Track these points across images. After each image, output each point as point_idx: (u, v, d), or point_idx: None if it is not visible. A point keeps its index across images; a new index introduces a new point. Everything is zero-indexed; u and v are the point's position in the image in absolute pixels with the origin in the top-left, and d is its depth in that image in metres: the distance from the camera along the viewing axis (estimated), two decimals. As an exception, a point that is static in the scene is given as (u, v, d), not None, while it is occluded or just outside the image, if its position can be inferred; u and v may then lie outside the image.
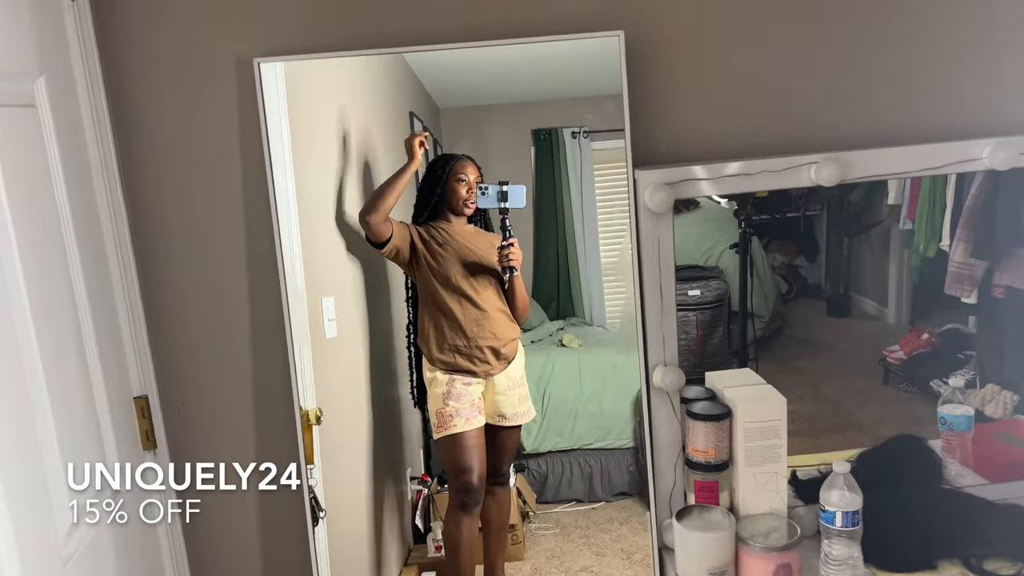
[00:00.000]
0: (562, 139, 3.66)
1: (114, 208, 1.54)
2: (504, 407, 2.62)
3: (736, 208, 2.11)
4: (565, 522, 3.19)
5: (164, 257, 1.67)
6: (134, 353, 1.56)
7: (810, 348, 2.19)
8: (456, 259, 2.52)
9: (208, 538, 1.73)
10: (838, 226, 2.16)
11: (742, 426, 1.51)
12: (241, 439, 1.72)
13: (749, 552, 1.44)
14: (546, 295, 3.68)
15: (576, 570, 2.82)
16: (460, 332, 2.50)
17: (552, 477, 3.30)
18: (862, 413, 2.09)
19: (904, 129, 1.61)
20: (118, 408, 1.49)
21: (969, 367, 2.01)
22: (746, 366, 2.08)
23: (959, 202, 1.91)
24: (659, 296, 1.54)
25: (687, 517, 1.49)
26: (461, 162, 2.64)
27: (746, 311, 2.12)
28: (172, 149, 1.62)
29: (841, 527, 1.42)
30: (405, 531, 2.97)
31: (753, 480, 1.52)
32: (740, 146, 1.60)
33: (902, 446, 1.76)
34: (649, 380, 1.56)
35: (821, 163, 1.49)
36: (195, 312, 1.67)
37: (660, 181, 1.50)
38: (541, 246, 3.65)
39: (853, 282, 2.17)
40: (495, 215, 2.74)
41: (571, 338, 3.39)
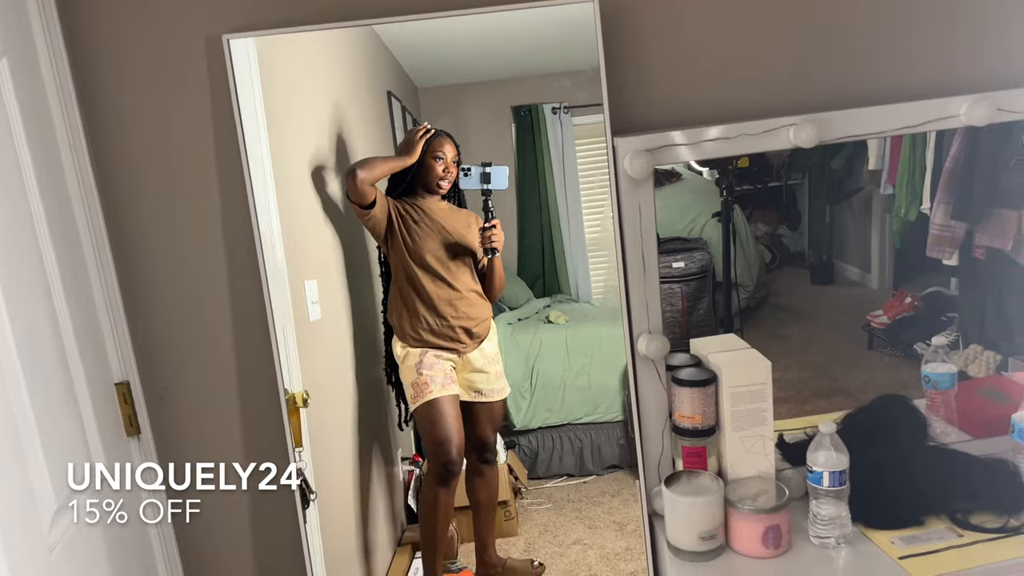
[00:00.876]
0: (543, 115, 3.62)
1: (85, 190, 1.49)
2: (480, 383, 2.59)
3: (717, 176, 2.09)
4: (557, 497, 3.19)
5: (139, 240, 1.63)
6: (113, 338, 1.53)
7: (795, 316, 2.19)
8: (432, 238, 2.48)
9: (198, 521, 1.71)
10: (820, 194, 2.14)
11: (727, 391, 1.50)
12: (227, 423, 1.70)
13: (738, 515, 1.43)
14: (531, 273, 3.66)
15: (569, 543, 2.82)
16: (433, 311, 2.47)
17: (543, 453, 3.30)
18: (848, 378, 2.09)
19: (881, 89, 1.59)
20: (99, 394, 1.46)
21: (952, 329, 2.01)
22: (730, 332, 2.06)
23: (939, 164, 1.90)
24: (641, 263, 1.52)
25: (676, 483, 1.48)
26: (439, 139, 2.57)
27: (730, 280, 2.10)
28: (143, 131, 1.58)
29: (828, 487, 1.42)
30: (397, 512, 2.96)
31: (740, 444, 1.52)
32: (719, 111, 1.58)
33: (887, 406, 1.76)
34: (634, 349, 1.54)
35: (799, 124, 1.47)
36: (174, 295, 1.64)
37: (639, 148, 1.48)
38: (525, 224, 3.62)
39: (836, 249, 2.16)
40: (474, 195, 2.71)
41: (558, 314, 3.37)
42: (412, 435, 2.81)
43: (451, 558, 2.78)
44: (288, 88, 2.29)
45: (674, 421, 1.56)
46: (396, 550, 2.84)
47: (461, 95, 3.61)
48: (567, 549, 2.78)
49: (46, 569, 1.19)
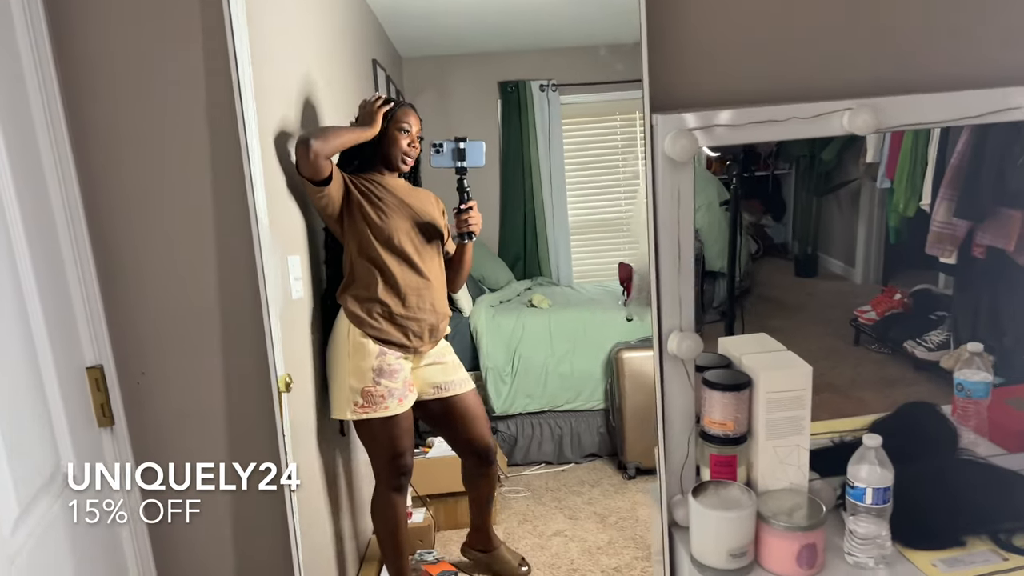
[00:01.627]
0: (530, 92, 3.46)
1: (59, 151, 1.27)
2: (436, 377, 2.36)
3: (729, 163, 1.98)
4: (535, 484, 3.07)
5: (118, 209, 1.40)
6: (86, 318, 1.32)
7: (780, 308, 2.09)
8: (402, 217, 2.23)
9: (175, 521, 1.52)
10: (807, 185, 2.05)
11: (764, 396, 1.37)
12: (209, 411, 1.50)
13: (772, 532, 1.30)
14: (512, 254, 3.52)
15: (549, 534, 2.70)
16: (397, 299, 2.22)
17: (522, 439, 3.17)
18: (833, 374, 2.00)
19: (936, 75, 1.46)
20: (68, 380, 1.25)
21: (943, 328, 1.93)
22: (732, 326, 1.96)
23: (942, 160, 1.81)
24: (676, 254, 1.37)
25: (703, 494, 1.34)
26: (404, 109, 2.29)
27: (734, 270, 1.99)
28: (127, 86, 1.36)
29: (871, 504, 1.30)
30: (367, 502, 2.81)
31: (774, 454, 1.39)
32: (765, 91, 1.43)
33: (916, 414, 1.65)
34: (663, 346, 1.40)
35: (856, 109, 1.33)
36: (156, 270, 1.42)
37: (683, 127, 1.32)
38: (507, 203, 3.47)
39: (821, 242, 2.07)
40: (444, 175, 2.48)
41: (541, 298, 3.23)
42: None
43: (427, 548, 2.65)
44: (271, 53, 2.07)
45: (702, 427, 1.42)
46: (368, 541, 2.69)
47: (447, 67, 3.42)
48: (548, 541, 2.66)
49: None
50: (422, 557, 2.59)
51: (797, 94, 1.43)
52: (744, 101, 1.40)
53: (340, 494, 2.43)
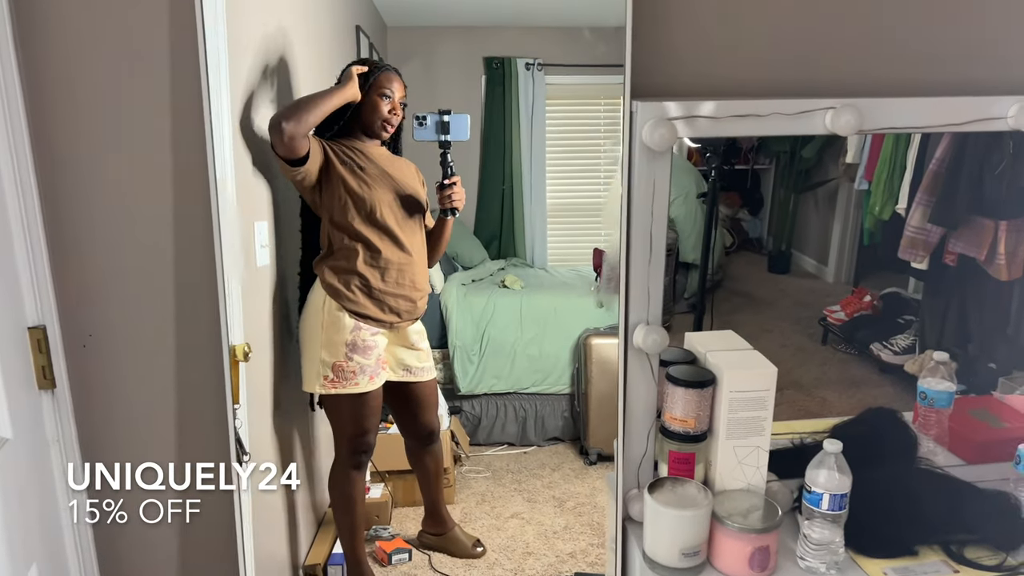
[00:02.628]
0: (515, 69, 3.38)
1: (9, 101, 1.20)
2: (410, 360, 2.31)
3: (708, 155, 1.95)
4: (496, 466, 3.04)
5: (69, 158, 1.32)
6: (29, 274, 1.25)
7: (750, 302, 2.08)
8: (384, 188, 2.15)
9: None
10: (786, 182, 2.03)
11: (727, 395, 1.33)
12: (158, 377, 1.44)
13: (726, 532, 1.28)
14: (488, 233, 3.46)
15: (507, 516, 2.67)
16: (377, 274, 2.15)
17: (486, 420, 3.13)
18: (800, 371, 1.99)
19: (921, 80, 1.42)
20: (7, 340, 1.19)
21: (910, 332, 1.92)
22: (701, 319, 1.94)
23: (920, 165, 1.79)
24: (648, 246, 1.33)
25: (659, 490, 1.31)
26: (387, 73, 2.19)
27: (707, 263, 1.97)
28: (87, 38, 1.28)
29: (827, 510, 1.28)
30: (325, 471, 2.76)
31: (733, 454, 1.36)
32: (749, 84, 1.39)
33: (877, 420, 1.63)
34: (628, 338, 1.36)
35: (839, 109, 1.29)
36: (108, 226, 1.35)
37: (663, 116, 1.27)
38: (486, 181, 3.41)
39: (796, 239, 2.05)
40: (427, 149, 2.40)
41: (513, 279, 3.19)
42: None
43: (384, 524, 2.61)
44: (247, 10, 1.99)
45: (663, 422, 1.39)
46: (325, 512, 2.65)
47: (433, 38, 3.33)
48: (504, 523, 2.63)
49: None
50: (377, 533, 2.56)
51: (781, 89, 1.39)
52: (727, 93, 1.35)
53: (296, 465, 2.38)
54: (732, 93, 1.36)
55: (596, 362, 2.97)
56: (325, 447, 2.67)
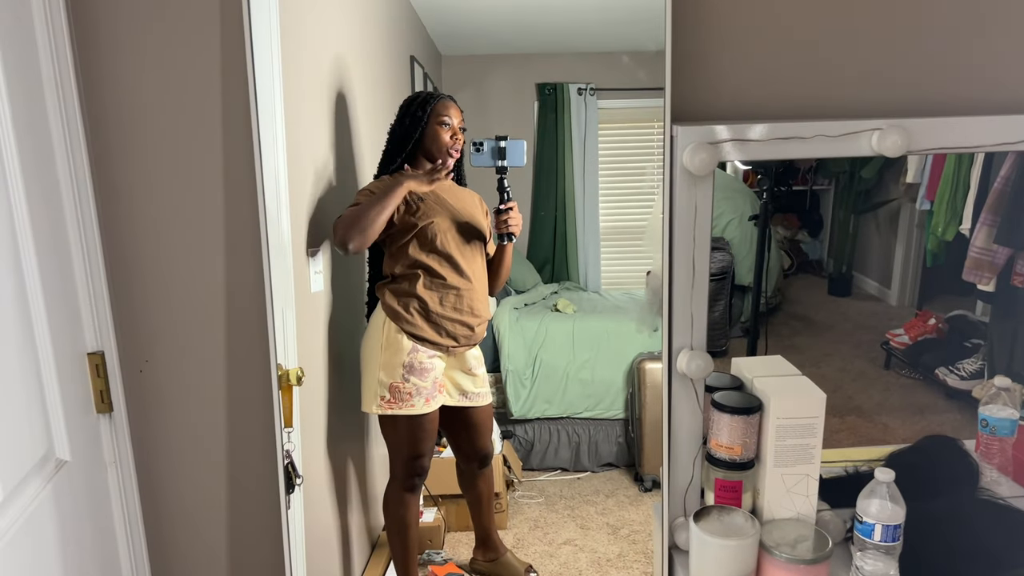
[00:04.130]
0: (567, 95, 3.41)
1: (70, 134, 1.25)
2: (467, 386, 2.33)
3: (760, 177, 1.92)
4: (549, 491, 3.02)
5: (128, 195, 1.38)
6: (89, 302, 1.30)
7: (809, 326, 2.01)
8: (444, 217, 2.19)
9: (170, 508, 1.51)
10: (846, 202, 1.97)
11: (774, 422, 1.30)
12: (212, 401, 1.48)
13: (774, 562, 1.24)
14: (541, 257, 3.47)
15: (559, 543, 2.65)
16: (436, 297, 2.19)
17: (539, 444, 3.12)
18: (862, 397, 1.92)
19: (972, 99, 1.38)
20: (67, 365, 1.23)
21: (977, 356, 1.83)
22: (755, 343, 1.89)
23: (984, 184, 1.73)
24: (691, 271, 1.31)
25: (705, 519, 1.28)
26: (443, 102, 2.26)
27: (760, 286, 1.93)
28: (144, 72, 1.35)
29: (880, 541, 1.23)
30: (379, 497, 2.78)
31: (781, 482, 1.32)
32: (793, 107, 1.37)
33: (936, 449, 1.57)
34: (672, 364, 1.34)
35: (885, 130, 1.26)
36: (164, 254, 1.40)
37: (703, 140, 1.26)
38: (539, 206, 3.43)
39: (857, 261, 1.98)
40: (484, 174, 2.44)
41: (566, 303, 3.18)
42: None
43: (436, 548, 2.62)
44: (304, 42, 2.06)
45: (709, 449, 1.36)
46: (379, 536, 2.67)
47: (486, 66, 3.38)
48: (557, 549, 2.61)
49: (-12, 565, 0.99)
50: (430, 557, 2.56)
51: (825, 111, 1.36)
52: (771, 116, 1.34)
53: (350, 488, 2.41)
54: (776, 116, 1.34)
55: (650, 387, 2.93)
56: (379, 471, 2.69)
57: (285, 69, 1.73)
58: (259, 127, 1.33)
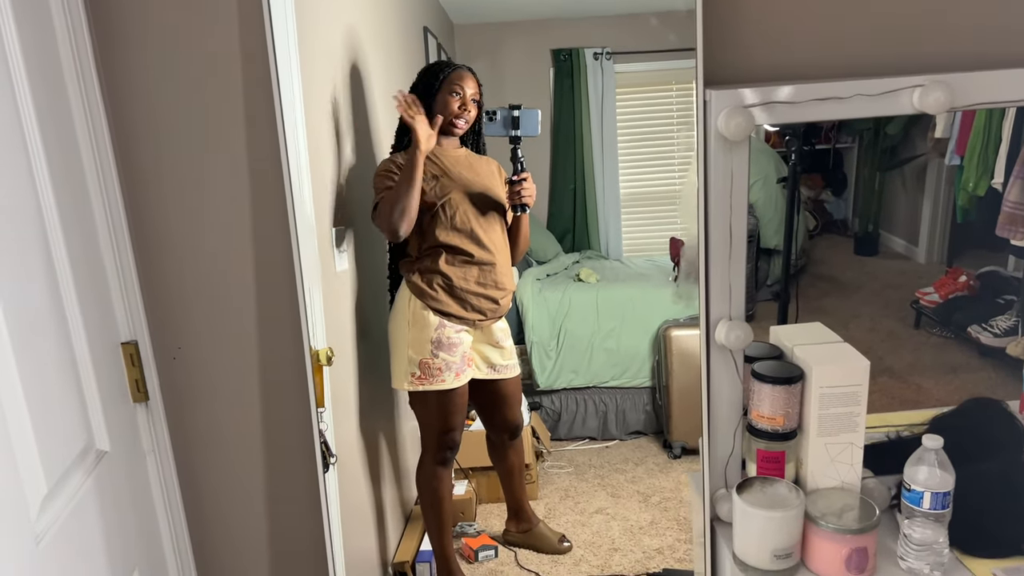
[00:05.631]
0: (583, 60, 3.34)
1: (92, 118, 1.23)
2: (495, 358, 2.32)
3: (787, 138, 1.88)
4: (579, 461, 3.02)
5: (153, 181, 1.36)
6: (120, 292, 1.29)
7: (836, 287, 1.98)
8: (460, 193, 2.15)
9: (209, 493, 1.51)
10: (871, 160, 1.92)
11: (816, 391, 1.28)
12: (245, 385, 1.47)
13: (820, 532, 1.22)
14: (561, 227, 3.43)
15: (591, 512, 2.65)
16: (459, 272, 2.17)
17: (566, 415, 3.11)
18: (892, 358, 1.89)
19: (1015, 51, 1.33)
20: (102, 356, 1.22)
21: (1011, 312, 1.80)
22: (787, 308, 1.87)
23: (1017, 137, 1.68)
24: (728, 239, 1.28)
25: (749, 491, 1.27)
26: (458, 72, 2.22)
27: (790, 249, 1.89)
28: (165, 54, 1.32)
29: (929, 509, 1.21)
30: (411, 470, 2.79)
31: (825, 451, 1.30)
32: (828, 65, 1.32)
33: (980, 411, 1.54)
34: (709, 334, 1.32)
35: (928, 86, 1.21)
36: (191, 243, 1.38)
37: (739, 103, 1.22)
38: (557, 175, 3.38)
39: (883, 219, 1.94)
40: (500, 144, 2.39)
41: (588, 272, 3.15)
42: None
43: (469, 520, 2.63)
44: (318, 16, 2.01)
45: (750, 420, 1.34)
46: (412, 510, 2.68)
47: (499, 34, 3.32)
48: (589, 518, 2.61)
49: (34, 561, 0.98)
50: (463, 529, 2.57)
51: (863, 69, 1.32)
52: (805, 76, 1.29)
53: (383, 464, 2.42)
54: (811, 76, 1.30)
55: (677, 354, 2.91)
56: (411, 446, 2.70)
57: (301, 45, 1.69)
58: (282, 106, 1.30)
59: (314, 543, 1.59)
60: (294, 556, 1.60)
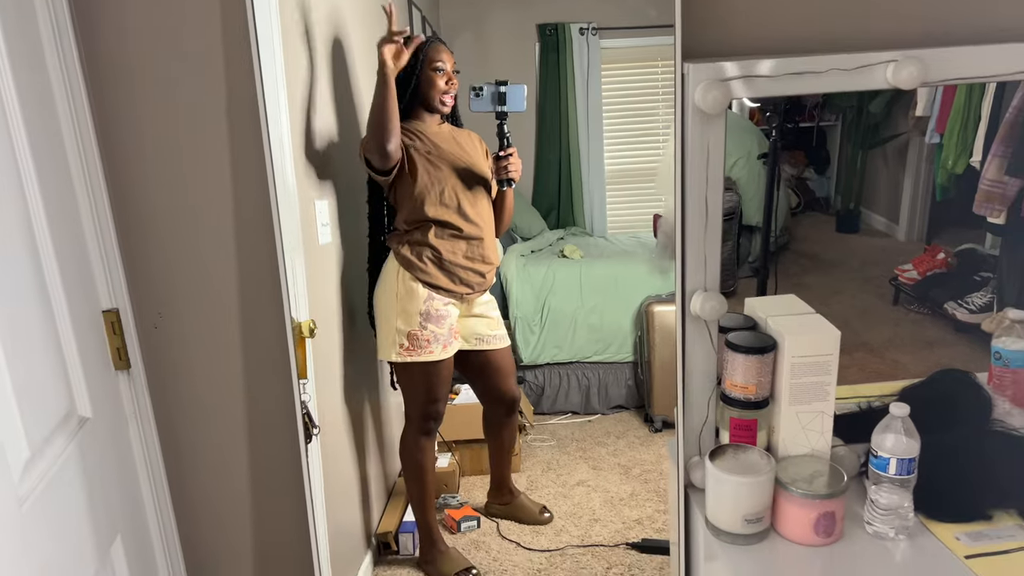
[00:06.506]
0: (569, 35, 3.33)
1: (71, 84, 1.22)
2: (482, 329, 2.35)
3: (768, 115, 1.89)
4: (561, 434, 3.06)
5: (134, 147, 1.36)
6: (101, 260, 1.29)
7: (818, 264, 2.01)
8: (450, 167, 2.18)
9: (192, 461, 1.53)
10: (854, 138, 1.94)
11: (788, 361, 1.31)
12: (228, 355, 1.49)
13: (789, 498, 1.26)
14: (546, 203, 3.44)
15: (572, 484, 2.69)
16: (448, 246, 2.20)
17: (549, 389, 3.15)
18: (870, 333, 1.92)
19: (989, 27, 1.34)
20: (83, 323, 1.23)
21: (987, 289, 1.83)
22: (765, 283, 1.89)
23: (996, 116, 1.70)
24: (704, 211, 1.30)
25: (721, 457, 1.30)
26: (434, 46, 2.20)
27: (770, 225, 1.91)
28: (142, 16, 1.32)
29: (895, 475, 1.24)
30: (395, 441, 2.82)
31: (796, 420, 1.33)
32: (805, 40, 1.33)
33: (949, 382, 1.57)
34: (685, 305, 1.34)
35: (900, 62, 1.23)
36: (172, 210, 1.39)
37: (715, 77, 1.23)
38: (543, 151, 3.38)
39: (865, 197, 1.96)
40: (471, 118, 2.39)
41: (573, 248, 3.17)
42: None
43: (452, 492, 2.66)
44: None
45: (723, 389, 1.37)
46: (396, 481, 2.71)
47: (485, 7, 3.30)
48: (571, 490, 2.65)
49: (16, 524, 1.00)
50: (446, 501, 2.61)
51: (839, 44, 1.33)
52: (783, 51, 1.31)
53: (367, 436, 2.44)
54: (789, 50, 1.31)
55: (659, 329, 2.95)
56: (395, 419, 2.73)
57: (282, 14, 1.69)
58: (262, 78, 1.30)
59: (297, 512, 1.61)
60: (277, 525, 1.62)
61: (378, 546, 2.42)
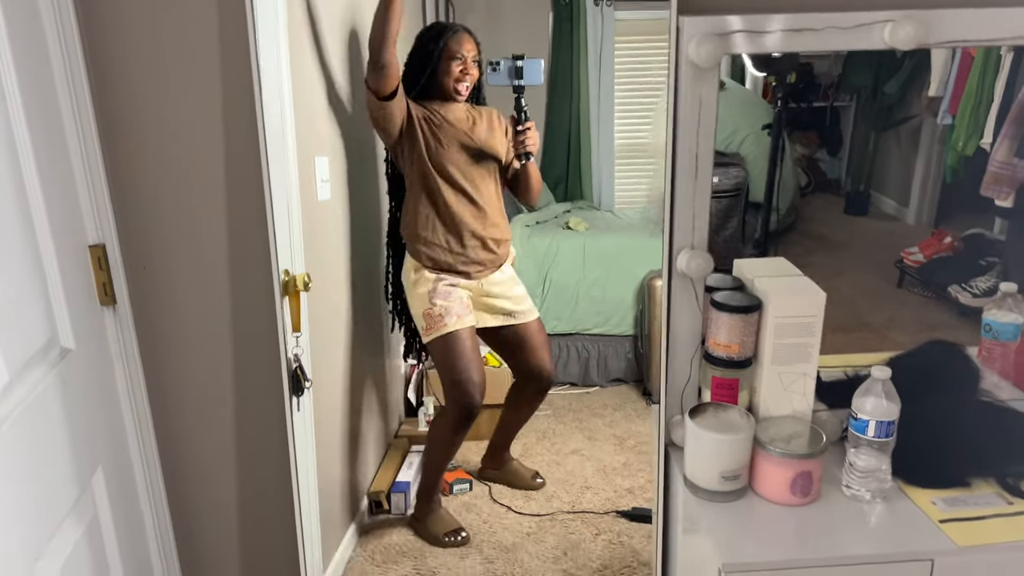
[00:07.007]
0: (583, 5, 3.31)
1: (61, 14, 1.24)
2: (506, 305, 2.36)
3: (775, 84, 1.87)
4: (558, 404, 3.05)
5: (125, 84, 1.35)
6: (88, 194, 1.29)
7: (824, 245, 1.99)
8: (455, 145, 2.20)
9: (178, 400, 1.54)
10: (867, 119, 1.91)
11: (773, 321, 1.29)
12: (215, 301, 1.49)
13: (767, 457, 1.25)
14: (554, 176, 3.42)
15: (567, 452, 2.69)
16: (452, 230, 2.22)
17: (549, 359, 3.15)
18: (872, 315, 1.90)
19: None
20: (68, 256, 1.23)
21: (992, 274, 1.80)
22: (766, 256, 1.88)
23: (1009, 96, 1.66)
24: (694, 169, 1.28)
25: (701, 415, 1.29)
26: (456, 37, 2.19)
27: (771, 198, 1.89)
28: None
29: (873, 437, 1.23)
30: (396, 404, 2.83)
31: (778, 380, 1.32)
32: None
33: (937, 353, 1.55)
34: (672, 263, 1.33)
35: (898, 21, 1.20)
36: (164, 149, 1.37)
37: (710, 30, 1.22)
38: (553, 124, 3.36)
39: (875, 180, 1.94)
40: (489, 92, 2.40)
41: (578, 221, 3.15)
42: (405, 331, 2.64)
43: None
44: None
45: (707, 348, 1.36)
46: (392, 442, 2.73)
47: (499, -22, 3.29)
48: (565, 458, 2.65)
49: (-5, 444, 1.02)
50: (440, 464, 2.62)
51: (839, 3, 1.31)
52: (781, 7, 1.28)
53: (366, 395, 2.46)
54: (787, 7, 1.29)
55: (660, 304, 2.92)
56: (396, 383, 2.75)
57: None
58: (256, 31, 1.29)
59: (282, 458, 1.62)
60: (261, 469, 1.63)
61: (370, 504, 2.44)
